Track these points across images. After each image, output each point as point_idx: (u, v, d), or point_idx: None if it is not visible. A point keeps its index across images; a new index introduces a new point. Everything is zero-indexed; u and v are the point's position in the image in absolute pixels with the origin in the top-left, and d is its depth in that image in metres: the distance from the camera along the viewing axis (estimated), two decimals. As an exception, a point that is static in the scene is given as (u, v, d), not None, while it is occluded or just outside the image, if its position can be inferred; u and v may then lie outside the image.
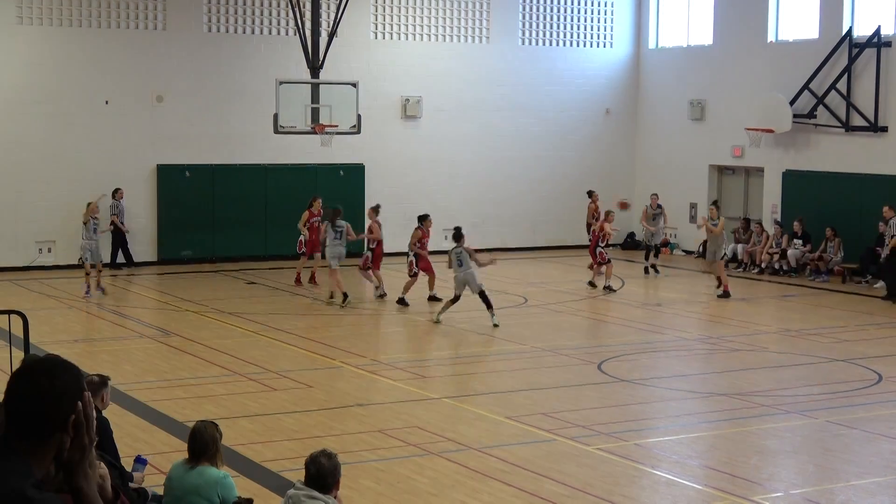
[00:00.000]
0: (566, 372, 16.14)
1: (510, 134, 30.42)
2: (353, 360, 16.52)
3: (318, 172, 28.32)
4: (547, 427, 12.86)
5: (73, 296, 22.41)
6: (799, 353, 17.38)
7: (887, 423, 13.13)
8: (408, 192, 28.97)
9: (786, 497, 10.63)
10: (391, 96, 28.97)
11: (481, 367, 16.34)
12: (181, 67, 27.01)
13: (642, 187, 31.87)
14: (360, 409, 13.70)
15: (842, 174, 26.27)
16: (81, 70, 26.18)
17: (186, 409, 13.42)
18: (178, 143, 27.10)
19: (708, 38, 29.87)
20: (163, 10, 26.87)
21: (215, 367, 16.01)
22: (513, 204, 30.37)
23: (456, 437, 12.39)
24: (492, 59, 30.10)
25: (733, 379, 15.68)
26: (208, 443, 7.71)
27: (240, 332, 18.79)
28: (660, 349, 18.06)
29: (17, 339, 13.78)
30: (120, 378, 14.75)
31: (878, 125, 25.55)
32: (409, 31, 29.24)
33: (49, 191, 25.80)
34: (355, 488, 10.23)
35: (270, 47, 27.79)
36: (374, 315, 21.37)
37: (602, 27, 31.38)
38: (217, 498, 7.59)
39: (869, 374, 15.80)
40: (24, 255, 25.99)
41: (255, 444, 11.98)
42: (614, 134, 31.71)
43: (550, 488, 10.61)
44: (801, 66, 26.82)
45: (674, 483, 10.94)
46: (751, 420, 13.44)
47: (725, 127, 29.02)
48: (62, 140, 26.04)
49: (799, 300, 23.06)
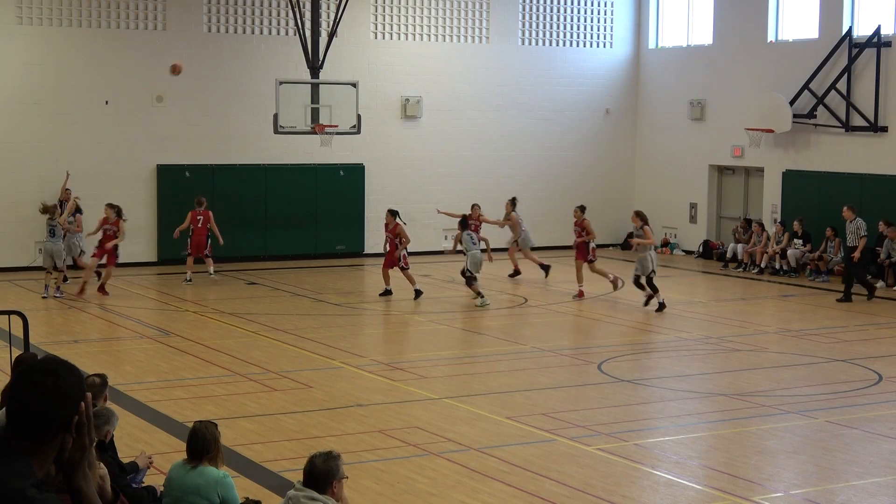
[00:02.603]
0: (566, 372, 16.15)
1: (510, 134, 30.42)
2: (353, 360, 16.52)
3: (318, 172, 28.33)
4: (547, 427, 12.86)
5: (74, 295, 22.40)
6: (799, 353, 17.38)
7: (887, 423, 13.13)
8: (408, 192, 28.98)
9: (786, 497, 10.63)
10: (391, 96, 28.97)
11: (481, 367, 16.34)
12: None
13: (642, 187, 31.89)
14: (360, 409, 13.70)
15: (842, 174, 26.28)
16: (81, 70, 26.18)
17: (186, 410, 13.42)
18: (178, 143, 27.10)
19: (708, 38, 29.87)
20: (163, 10, 26.87)
21: (215, 368, 16.00)
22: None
23: (456, 437, 12.39)
24: (491, 59, 30.10)
25: (733, 379, 15.68)
26: (209, 443, 7.72)
27: (240, 333, 18.79)
28: (660, 349, 18.07)
29: (17, 340, 13.78)
30: (120, 378, 14.76)
31: (878, 125, 25.55)
32: (409, 31, 29.24)
33: (49, 191, 25.77)
34: (355, 488, 10.23)
35: (270, 47, 27.79)
36: (374, 315, 21.37)
37: (602, 27, 31.38)
38: (217, 498, 7.60)
39: (869, 374, 15.80)
40: (24, 255, 25.99)
41: (255, 445, 11.98)
42: (614, 134, 31.71)
43: (550, 488, 10.61)
44: (801, 66, 26.83)
45: (674, 483, 10.94)
46: (751, 420, 13.44)
47: (725, 127, 29.02)
48: (62, 140, 26.05)
49: (799, 300, 23.06)
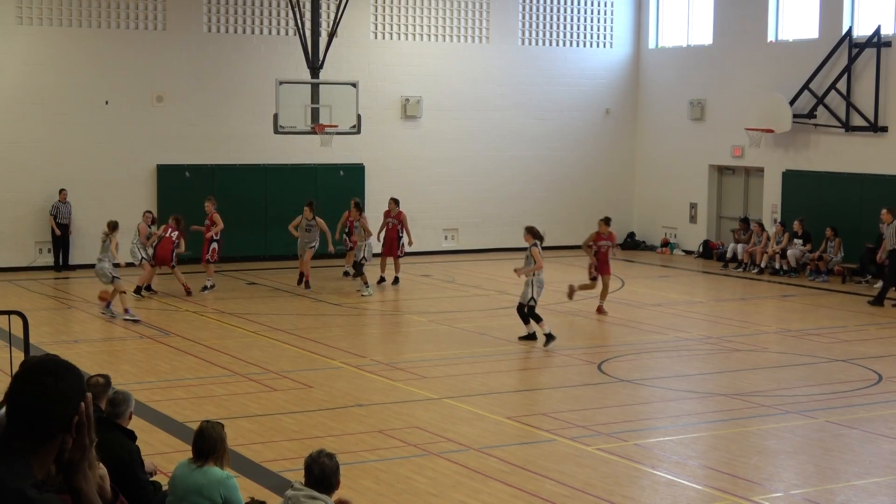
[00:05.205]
0: (566, 372, 16.15)
1: (510, 134, 30.42)
2: (353, 360, 16.52)
3: (318, 172, 28.33)
4: (547, 427, 12.86)
5: (74, 296, 22.39)
6: (799, 353, 17.38)
7: (887, 423, 13.13)
8: (408, 192, 28.97)
9: (786, 497, 10.63)
10: (391, 96, 28.97)
11: (481, 367, 16.33)
12: (181, 67, 27.01)
13: (642, 187, 31.89)
14: (360, 409, 13.70)
15: (842, 174, 26.28)
16: (81, 70, 26.18)
17: (186, 410, 13.43)
18: (178, 143, 27.09)
19: (708, 38, 29.87)
20: (163, 10, 26.87)
21: (215, 368, 16.00)
22: (512, 204, 30.36)
23: (456, 437, 12.39)
24: (492, 59, 30.09)
25: (733, 379, 15.68)
26: (216, 443, 7.71)
27: (240, 333, 18.78)
28: (660, 349, 18.06)
29: (17, 340, 13.78)
30: (120, 378, 14.75)
31: (878, 125, 25.55)
32: (409, 31, 29.24)
33: (49, 191, 25.77)
34: (355, 488, 10.23)
35: (270, 47, 27.79)
36: (375, 315, 21.38)
37: (602, 27, 31.38)
38: (220, 498, 7.59)
39: (869, 374, 15.80)
40: (24, 255, 25.99)
41: (255, 445, 11.98)
42: (614, 134, 31.71)
43: (550, 488, 10.61)
44: (801, 66, 26.83)
45: (674, 483, 10.94)
46: (751, 420, 13.44)
47: (725, 127, 29.02)
48: (62, 140, 26.04)
49: (799, 300, 23.06)
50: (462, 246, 29.95)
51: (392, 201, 24.61)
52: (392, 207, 24.42)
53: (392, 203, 24.53)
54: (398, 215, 24.28)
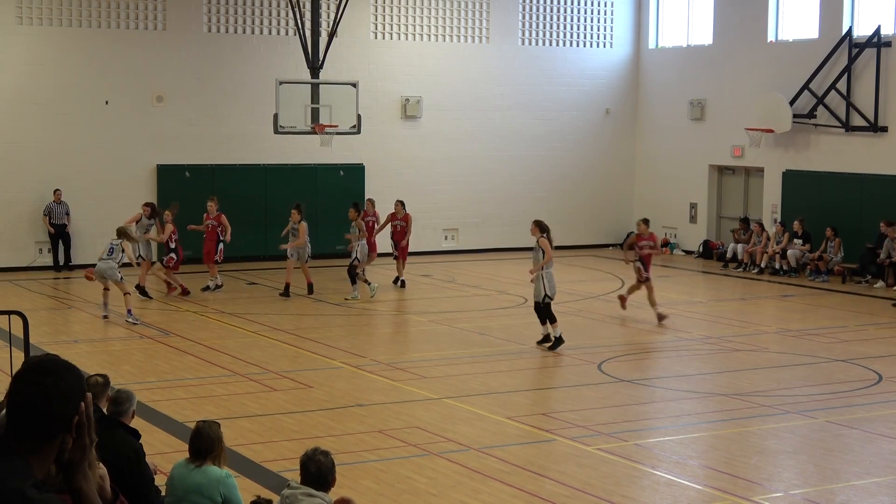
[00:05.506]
0: (566, 372, 16.15)
1: (510, 134, 30.42)
2: (353, 360, 16.53)
3: (318, 172, 28.33)
4: (547, 427, 12.87)
5: (74, 296, 22.39)
6: (799, 353, 17.38)
7: (887, 423, 13.13)
8: (408, 192, 28.94)
9: (786, 497, 10.63)
10: (391, 96, 28.97)
11: (481, 367, 16.34)
12: (181, 67, 27.01)
13: (642, 187, 31.89)
14: (360, 409, 13.70)
15: (842, 174, 26.28)
16: (81, 70, 26.18)
17: (186, 410, 13.43)
18: (178, 143, 27.10)
19: (708, 38, 29.87)
20: (163, 10, 26.87)
21: (215, 368, 16.00)
22: (513, 204, 30.37)
23: (456, 437, 12.39)
24: (491, 59, 30.10)
25: (733, 379, 15.68)
26: (213, 442, 7.72)
27: (240, 333, 18.79)
28: (660, 349, 18.07)
29: (17, 340, 13.78)
30: (120, 378, 14.74)
31: (878, 125, 25.55)
32: (409, 31, 29.24)
33: (48, 191, 25.77)
34: (355, 488, 10.23)
35: (270, 47, 27.79)
36: (374, 315, 21.37)
37: (602, 27, 31.38)
38: (219, 497, 7.59)
39: (869, 374, 15.80)
40: (24, 255, 25.99)
41: (255, 445, 11.99)
42: (614, 134, 31.71)
43: (550, 488, 10.61)
44: (801, 66, 26.83)
45: (674, 483, 10.94)
46: (751, 420, 13.44)
47: (725, 127, 29.02)
48: (62, 140, 26.04)
49: (799, 300, 23.06)
50: (462, 246, 29.96)
51: (398, 203, 24.54)
52: (399, 210, 24.40)
53: (398, 205, 24.48)
54: (405, 217, 24.28)
